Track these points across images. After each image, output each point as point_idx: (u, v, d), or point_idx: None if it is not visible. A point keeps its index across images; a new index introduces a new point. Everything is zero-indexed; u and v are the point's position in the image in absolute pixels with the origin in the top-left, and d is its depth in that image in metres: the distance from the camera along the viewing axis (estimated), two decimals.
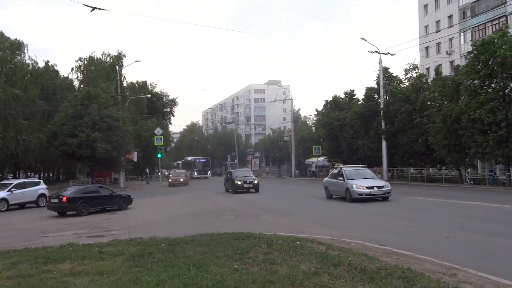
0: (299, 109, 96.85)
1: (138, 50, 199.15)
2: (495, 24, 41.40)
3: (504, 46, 25.58)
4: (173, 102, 69.43)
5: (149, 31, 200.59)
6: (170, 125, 70.00)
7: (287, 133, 68.14)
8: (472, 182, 30.19)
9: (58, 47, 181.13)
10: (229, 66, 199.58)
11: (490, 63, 26.50)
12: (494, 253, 8.05)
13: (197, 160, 70.60)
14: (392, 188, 19.46)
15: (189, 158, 75.03)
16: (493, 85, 27.24)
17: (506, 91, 26.61)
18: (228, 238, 9.41)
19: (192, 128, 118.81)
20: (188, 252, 8.16)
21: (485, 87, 27.23)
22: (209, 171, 70.80)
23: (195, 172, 66.07)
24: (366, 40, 36.94)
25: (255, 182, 28.45)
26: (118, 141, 37.66)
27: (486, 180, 29.79)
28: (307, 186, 36.73)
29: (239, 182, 28.18)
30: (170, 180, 44.76)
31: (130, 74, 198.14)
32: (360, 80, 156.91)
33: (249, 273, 6.31)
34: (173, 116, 70.98)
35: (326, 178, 23.29)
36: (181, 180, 44.70)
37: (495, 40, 26.73)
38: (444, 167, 34.87)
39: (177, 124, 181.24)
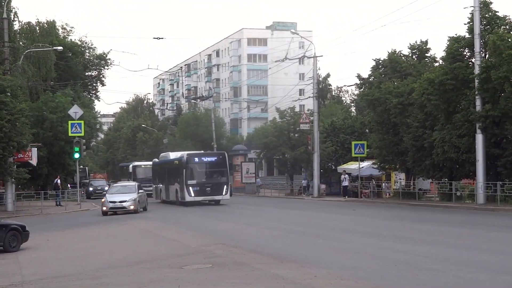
0: (327, 75, 60.43)
1: None
2: None
3: None
4: (103, 60, 39.98)
5: None
6: (97, 102, 42.20)
7: (307, 118, 35.74)
8: None
9: None
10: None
11: None
12: None
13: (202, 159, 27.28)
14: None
15: (172, 156, 30.53)
16: None
17: None
18: None
19: (137, 108, 74.28)
20: None
21: None
22: (225, 188, 25.98)
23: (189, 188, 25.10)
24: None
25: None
26: (3, 129, 20.14)
27: None
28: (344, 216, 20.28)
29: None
30: (103, 207, 21.93)
31: (28, 9, 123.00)
32: (437, 26, 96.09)
33: None
34: (103, 85, 40.66)
35: None
36: (126, 205, 21.70)
37: None
38: None
39: (111, 100, 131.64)
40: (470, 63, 21.82)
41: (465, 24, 22.15)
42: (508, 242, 10.31)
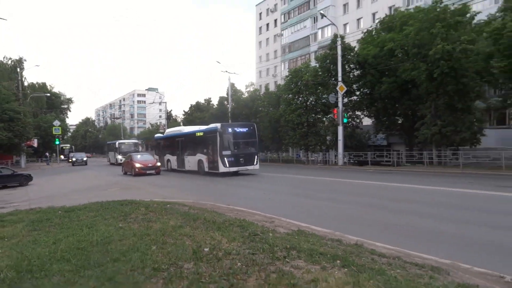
0: (171, 110, 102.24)
1: (39, 56, 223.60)
2: (303, 59, 53.49)
3: (307, 74, 33.26)
4: (69, 100, 73.90)
5: (51, 40, 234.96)
6: (67, 118, 72.67)
7: (162, 127, 74.45)
8: (320, 163, 33.01)
9: None
10: (118, 74, 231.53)
11: (298, 84, 33.82)
12: (301, 209, 9.76)
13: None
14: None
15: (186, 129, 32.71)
16: (300, 98, 34.18)
17: (307, 102, 34.03)
18: (115, 205, 9.83)
19: (86, 122, 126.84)
20: (82, 216, 8.50)
21: (295, 100, 34.31)
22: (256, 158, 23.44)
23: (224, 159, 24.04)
24: (219, 63, 38.88)
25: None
26: (19, 130, 38.03)
27: (294, 160, 36.59)
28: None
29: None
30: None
31: (32, 76, 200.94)
32: (217, 90, 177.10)
33: (131, 229, 6.96)
34: (70, 111, 75.09)
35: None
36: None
37: (302, 69, 34.80)
38: (269, 152, 42.62)
39: (76, 117, 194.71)
40: (227, 106, 42.75)
41: (225, 91, 49.23)
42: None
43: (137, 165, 23.79)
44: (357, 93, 31.64)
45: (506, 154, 20.99)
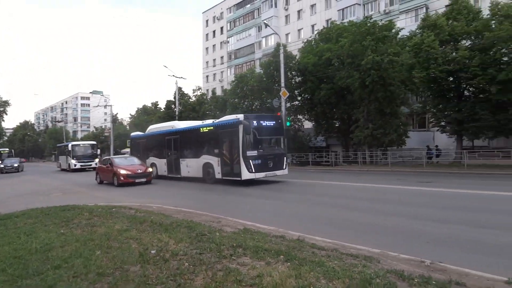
0: (117, 113, 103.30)
1: None
2: (248, 65, 54.57)
3: (252, 79, 33.70)
4: (6, 103, 68.32)
5: None
6: (3, 122, 67.07)
7: (107, 130, 72.20)
8: None
9: None
10: (61, 77, 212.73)
11: (244, 89, 34.48)
12: (238, 208, 9.88)
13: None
14: None
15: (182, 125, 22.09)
16: (246, 102, 34.63)
17: (253, 107, 34.37)
18: (56, 210, 9.16)
19: (25, 125, 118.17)
20: (19, 224, 7.80)
21: (241, 104, 34.64)
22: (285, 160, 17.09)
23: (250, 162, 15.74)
24: (167, 67, 44.84)
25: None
26: None
27: None
28: None
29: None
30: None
31: None
32: (164, 94, 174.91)
33: (73, 235, 6.52)
34: (6, 114, 69.41)
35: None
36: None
37: (248, 75, 35.38)
38: None
39: (14, 121, 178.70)
40: (175, 110, 44.28)
41: (172, 95, 47.93)
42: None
43: (123, 171, 17.64)
44: (299, 98, 32.70)
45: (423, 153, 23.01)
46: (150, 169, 19.06)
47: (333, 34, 29.58)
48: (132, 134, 26.59)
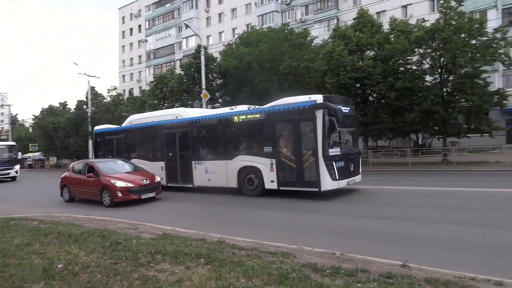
0: (16, 114, 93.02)
1: None
2: (168, 65, 53.22)
3: (172, 80, 32.64)
4: None
5: None
6: None
7: (5, 133, 65.28)
8: None
9: None
10: None
11: (164, 90, 33.14)
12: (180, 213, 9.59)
13: None
14: None
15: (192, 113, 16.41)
16: (166, 104, 32.86)
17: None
18: None
19: None
20: None
21: (160, 105, 32.90)
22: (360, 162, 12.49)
23: (333, 165, 10.74)
24: (77, 64, 42.51)
25: None
26: None
27: None
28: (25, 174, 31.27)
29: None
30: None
31: None
32: (74, 93, 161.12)
33: None
34: None
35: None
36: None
37: (167, 76, 34.12)
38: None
39: None
40: (87, 111, 40.25)
41: (84, 95, 44.67)
42: None
43: (120, 184, 11.53)
44: (220, 100, 32.83)
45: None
46: (158, 178, 13.01)
47: (253, 38, 30.36)
48: (98, 128, 19.49)
